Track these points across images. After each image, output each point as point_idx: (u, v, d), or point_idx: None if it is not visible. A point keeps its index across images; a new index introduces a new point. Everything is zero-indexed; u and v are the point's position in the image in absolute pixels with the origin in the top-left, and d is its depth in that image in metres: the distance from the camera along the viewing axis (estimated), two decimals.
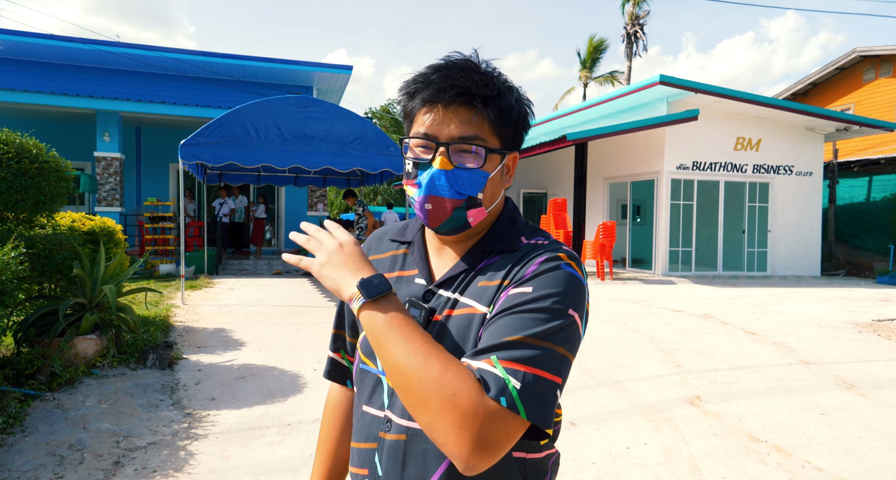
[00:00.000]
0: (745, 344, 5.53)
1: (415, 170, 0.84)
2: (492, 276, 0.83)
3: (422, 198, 0.82)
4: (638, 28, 30.22)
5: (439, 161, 0.81)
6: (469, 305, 0.82)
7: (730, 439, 3.18)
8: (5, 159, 4.28)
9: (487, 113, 0.81)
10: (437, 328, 0.83)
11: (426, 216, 0.83)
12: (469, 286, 0.84)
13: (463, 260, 0.87)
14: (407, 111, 0.85)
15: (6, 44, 12.55)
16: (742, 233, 12.92)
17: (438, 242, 0.91)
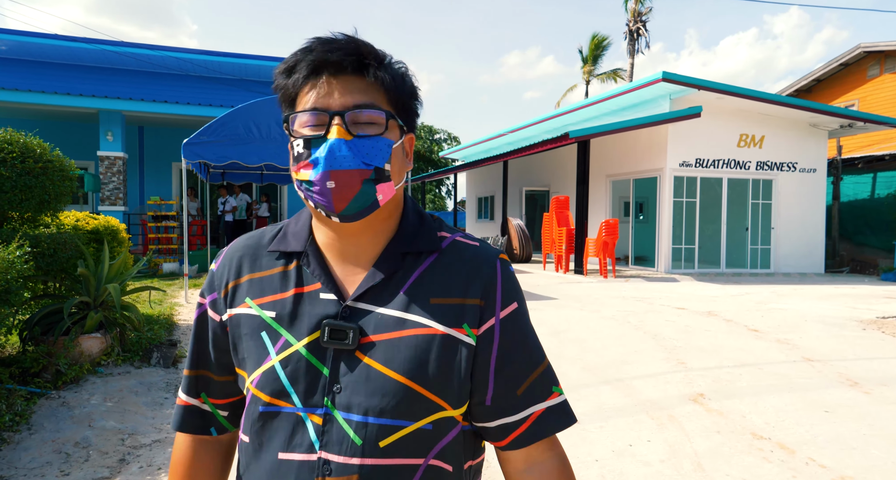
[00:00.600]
0: (748, 342, 5.52)
1: (307, 148, 0.70)
2: (445, 289, 0.74)
3: (321, 175, 0.68)
4: (640, 25, 30.12)
5: (336, 131, 0.69)
6: (425, 325, 0.72)
7: (733, 436, 3.18)
8: (10, 159, 4.30)
9: (381, 78, 0.72)
10: (379, 349, 0.71)
11: (330, 198, 0.69)
12: (411, 300, 0.73)
13: (379, 267, 0.74)
14: (287, 92, 0.73)
15: (9, 44, 12.58)
16: (745, 231, 12.89)
17: (339, 246, 0.76)
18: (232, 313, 0.79)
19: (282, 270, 0.78)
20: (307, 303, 0.74)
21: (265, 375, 0.73)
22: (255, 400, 0.74)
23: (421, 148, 30.87)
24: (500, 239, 15.01)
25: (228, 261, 0.82)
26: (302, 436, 0.71)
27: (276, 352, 0.73)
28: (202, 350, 0.83)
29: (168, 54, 13.38)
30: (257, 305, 0.77)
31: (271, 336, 0.74)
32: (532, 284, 10.09)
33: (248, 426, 0.76)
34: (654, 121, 11.19)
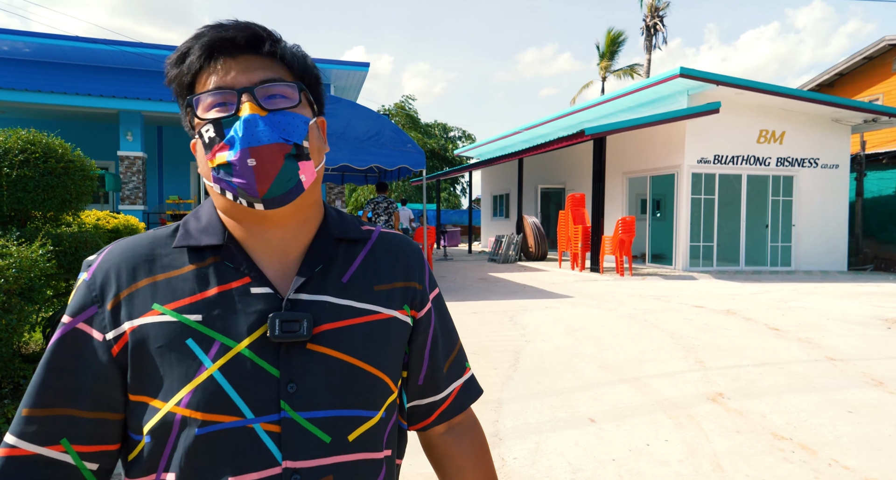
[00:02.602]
0: (768, 341, 5.43)
1: (218, 132, 0.64)
2: (386, 275, 0.75)
3: (241, 153, 0.63)
4: (658, 20, 29.77)
5: (247, 107, 0.64)
6: (374, 311, 0.71)
7: (753, 436, 3.13)
8: (32, 159, 4.38)
9: (282, 54, 0.69)
10: (334, 338, 0.67)
11: (252, 178, 0.63)
12: (355, 286, 0.72)
13: (316, 255, 0.70)
14: (182, 81, 0.67)
15: (33, 46, 12.84)
16: (765, 228, 12.68)
17: (264, 238, 0.69)
18: (134, 325, 0.64)
19: (195, 268, 0.67)
20: (238, 301, 0.65)
21: (201, 389, 0.62)
22: (185, 423, 0.62)
23: (435, 146, 30.86)
24: (516, 237, 14.96)
25: (110, 267, 0.66)
26: (257, 451, 0.63)
27: (211, 360, 0.63)
28: (66, 381, 0.63)
29: None
30: (173, 310, 0.64)
31: (201, 342, 0.63)
32: (548, 282, 10.04)
33: (175, 461, 0.62)
34: (672, 118, 11.05)
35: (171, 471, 0.63)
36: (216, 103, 0.65)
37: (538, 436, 3.10)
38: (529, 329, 5.89)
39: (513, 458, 2.84)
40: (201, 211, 0.73)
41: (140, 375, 0.64)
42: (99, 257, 0.68)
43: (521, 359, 4.68)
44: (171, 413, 0.62)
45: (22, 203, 4.36)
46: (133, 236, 0.71)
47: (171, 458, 0.63)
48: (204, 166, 0.67)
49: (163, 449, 0.63)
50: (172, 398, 0.62)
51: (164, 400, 0.63)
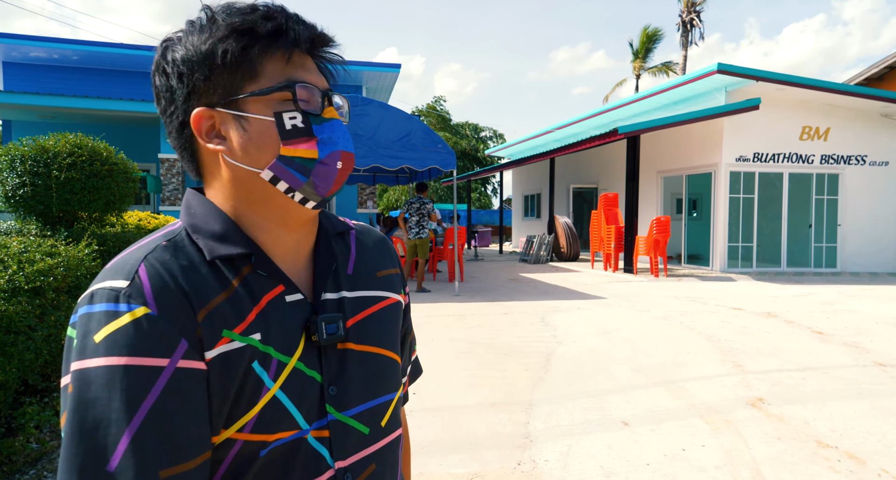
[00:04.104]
0: (812, 345, 5.23)
1: (307, 124, 0.63)
2: (381, 263, 0.77)
3: (333, 154, 0.63)
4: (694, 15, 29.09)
5: (331, 111, 0.65)
6: (385, 297, 0.74)
7: (796, 444, 3.01)
8: (79, 162, 4.56)
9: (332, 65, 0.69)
10: (358, 331, 0.68)
11: (332, 180, 0.64)
12: (358, 277, 0.72)
13: (325, 254, 0.70)
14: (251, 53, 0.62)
15: (81, 54, 13.39)
16: (809, 228, 12.23)
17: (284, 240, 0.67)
18: (210, 357, 0.57)
19: (239, 283, 0.62)
20: (280, 312, 0.63)
21: (266, 411, 0.59)
22: (249, 447, 0.59)
23: (466, 146, 30.84)
24: (547, 237, 14.82)
25: (174, 291, 0.57)
26: (312, 459, 0.62)
27: (272, 379, 0.60)
28: (190, 426, 0.55)
29: None
30: (239, 334, 0.59)
31: (263, 363, 0.60)
32: (580, 283, 9.91)
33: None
34: (709, 115, 10.76)
35: None
36: (306, 98, 0.63)
37: (570, 439, 3.06)
38: (561, 330, 5.82)
39: (544, 460, 2.81)
40: (205, 215, 0.65)
41: (216, 404, 0.58)
42: (145, 282, 0.57)
43: (552, 361, 4.63)
44: (232, 440, 0.58)
45: (69, 204, 4.54)
46: (155, 254, 0.60)
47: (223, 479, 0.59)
48: (259, 150, 0.62)
49: (214, 474, 0.59)
50: (234, 424, 0.58)
51: (225, 426, 0.58)
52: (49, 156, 4.52)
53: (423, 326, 5.98)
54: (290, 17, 0.63)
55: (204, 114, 0.62)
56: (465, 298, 8.04)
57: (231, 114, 0.62)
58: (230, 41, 0.61)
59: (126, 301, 0.55)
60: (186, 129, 0.65)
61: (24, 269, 2.76)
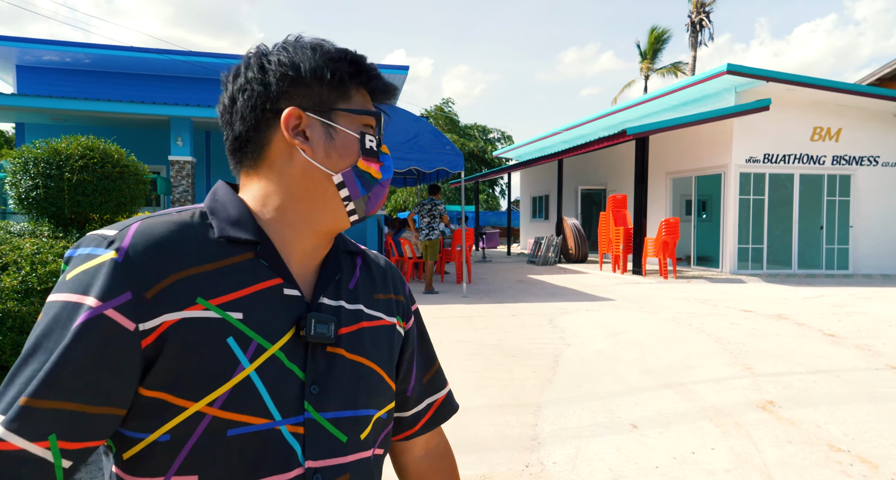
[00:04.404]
0: (823, 347, 5.18)
1: (378, 148, 0.73)
2: (381, 287, 0.80)
3: (388, 180, 0.75)
4: (703, 16, 28.95)
5: (384, 148, 0.76)
6: (379, 317, 0.77)
7: (807, 447, 2.98)
8: (91, 164, 4.61)
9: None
10: (350, 341, 0.71)
11: (378, 200, 0.74)
12: (358, 293, 0.76)
13: (334, 264, 0.75)
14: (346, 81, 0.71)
15: (92, 57, 13.53)
16: (820, 229, 12.12)
17: (303, 243, 0.71)
18: (175, 319, 0.59)
19: (233, 262, 0.65)
20: (272, 301, 0.66)
21: (237, 390, 0.61)
22: (218, 424, 0.60)
23: (474, 147, 30.83)
24: (555, 238, 14.78)
25: (147, 250, 0.60)
26: (283, 452, 0.63)
27: (249, 360, 0.62)
28: (81, 374, 0.56)
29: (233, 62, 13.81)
30: (217, 306, 0.62)
31: (240, 341, 0.62)
32: (588, 285, 9.87)
33: (197, 464, 0.60)
34: (719, 116, 10.70)
35: (191, 473, 0.60)
36: (365, 124, 0.73)
37: (578, 441, 3.05)
38: (569, 332, 5.80)
39: (552, 463, 2.80)
40: (226, 202, 0.69)
41: (168, 371, 0.59)
42: (128, 235, 0.61)
43: (560, 363, 4.62)
44: (201, 413, 0.60)
45: (81, 206, 4.59)
46: (156, 217, 0.65)
47: (190, 459, 0.60)
48: (339, 157, 0.70)
49: (180, 449, 0.60)
50: (205, 397, 0.60)
51: (193, 399, 0.60)
52: (61, 159, 4.57)
53: (430, 327, 5.98)
54: (368, 62, 0.74)
55: (296, 113, 0.69)
56: (473, 300, 8.03)
57: (321, 120, 0.70)
58: (342, 65, 0.71)
59: (107, 246, 0.60)
60: (269, 121, 0.70)
61: (36, 270, 2.79)
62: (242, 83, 0.71)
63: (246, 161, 0.72)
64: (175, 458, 0.60)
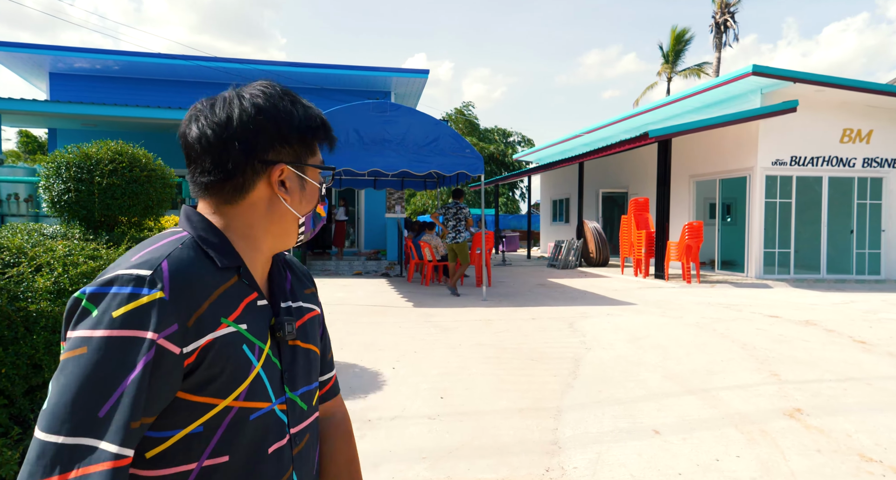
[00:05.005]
0: (854, 354, 5.05)
1: (324, 195, 0.92)
2: (305, 283, 0.99)
3: (323, 219, 0.94)
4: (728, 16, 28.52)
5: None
6: (312, 309, 0.96)
7: (837, 456, 2.91)
8: (120, 168, 4.73)
9: None
10: (300, 333, 0.90)
11: (314, 231, 0.92)
12: (296, 292, 0.94)
13: (276, 272, 0.91)
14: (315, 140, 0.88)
15: (121, 64, 13.88)
16: (850, 233, 11.81)
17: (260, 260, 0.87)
18: (210, 338, 0.73)
19: (230, 285, 0.79)
20: (255, 311, 0.82)
21: (253, 385, 0.78)
22: (242, 413, 0.77)
23: (494, 151, 30.79)
24: (576, 242, 14.67)
25: (184, 286, 0.73)
26: (278, 425, 0.82)
27: (256, 360, 0.79)
28: (155, 391, 0.69)
29: (256, 67, 14.23)
30: (232, 322, 0.77)
31: (250, 347, 0.78)
32: (609, 289, 9.77)
33: (227, 446, 0.75)
34: (744, 118, 10.52)
35: (223, 454, 0.75)
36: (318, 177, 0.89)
37: (599, 446, 3.02)
38: (590, 336, 5.75)
39: (573, 467, 2.78)
40: (209, 232, 0.81)
41: (202, 379, 0.73)
42: (164, 275, 0.71)
43: (581, 367, 4.58)
44: (229, 407, 0.75)
45: (111, 209, 4.71)
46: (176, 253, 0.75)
47: (220, 443, 0.75)
48: (307, 204, 0.87)
49: (212, 437, 0.75)
50: (231, 394, 0.75)
51: (222, 397, 0.75)
52: (92, 163, 4.70)
53: (450, 331, 5.98)
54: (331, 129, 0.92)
55: (285, 169, 0.84)
56: (493, 303, 8.01)
57: (297, 174, 0.85)
58: (317, 130, 0.87)
59: (149, 286, 0.70)
60: (256, 169, 0.82)
61: (68, 272, 2.87)
62: (233, 132, 0.80)
63: (222, 195, 0.83)
64: (208, 445, 0.75)
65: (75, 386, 0.65)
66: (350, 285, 10.08)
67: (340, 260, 12.60)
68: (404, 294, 8.96)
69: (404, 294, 8.96)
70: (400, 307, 7.58)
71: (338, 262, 12.44)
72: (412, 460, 2.84)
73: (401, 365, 4.59)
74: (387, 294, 8.92)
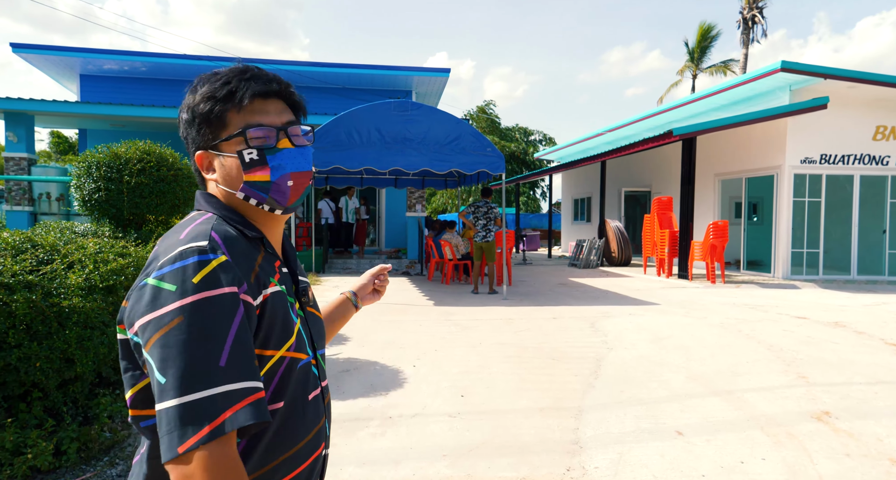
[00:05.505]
0: (885, 357, 4.91)
1: (261, 156, 0.87)
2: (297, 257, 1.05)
3: (284, 176, 0.88)
4: (756, 12, 27.92)
5: (285, 142, 0.89)
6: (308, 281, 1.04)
7: (867, 461, 2.84)
8: (148, 167, 4.84)
9: (295, 102, 0.95)
10: (313, 298, 1.01)
11: (288, 193, 0.89)
12: (298, 266, 1.00)
13: (287, 245, 0.99)
14: (220, 110, 0.88)
15: (149, 65, 14.19)
16: (882, 233, 11.48)
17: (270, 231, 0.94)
18: (266, 293, 0.83)
19: (264, 254, 0.89)
20: (284, 276, 0.92)
21: (298, 338, 0.88)
22: (293, 362, 0.87)
23: (516, 149, 30.65)
24: (598, 241, 14.54)
25: (238, 249, 0.83)
26: (314, 376, 0.93)
27: (296, 317, 0.90)
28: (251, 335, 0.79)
29: (279, 67, 14.40)
30: (277, 282, 0.87)
31: (291, 305, 0.89)
32: (632, 288, 9.66)
33: (282, 393, 0.85)
34: (772, 115, 10.29)
35: (279, 400, 0.85)
36: (260, 136, 0.87)
37: (621, 447, 2.99)
38: (612, 336, 5.70)
39: (594, 467, 2.76)
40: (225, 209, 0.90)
41: (265, 330, 0.82)
42: (219, 244, 0.80)
43: (602, 367, 4.54)
44: (283, 357, 0.85)
45: (139, 207, 4.82)
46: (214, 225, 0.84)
47: (277, 389, 0.84)
48: (231, 178, 0.89)
49: (270, 384, 0.83)
50: (284, 345, 0.85)
51: (277, 348, 0.84)
52: (121, 163, 4.81)
53: (470, 329, 5.99)
54: (244, 78, 0.89)
55: (202, 155, 0.91)
56: (514, 302, 7.99)
57: (214, 154, 0.90)
58: (204, 105, 0.88)
59: (212, 252, 0.78)
60: (195, 161, 0.93)
61: (99, 269, 2.95)
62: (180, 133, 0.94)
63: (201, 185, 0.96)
64: (268, 393, 0.83)
65: (188, 351, 0.71)
66: None
67: (361, 259, 12.69)
68: (425, 292, 8.99)
69: (425, 292, 8.99)
70: (420, 305, 7.61)
71: (359, 261, 12.54)
72: (433, 457, 2.85)
73: (421, 363, 4.61)
74: (407, 292, 8.96)
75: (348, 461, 2.82)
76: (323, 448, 0.95)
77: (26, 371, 2.50)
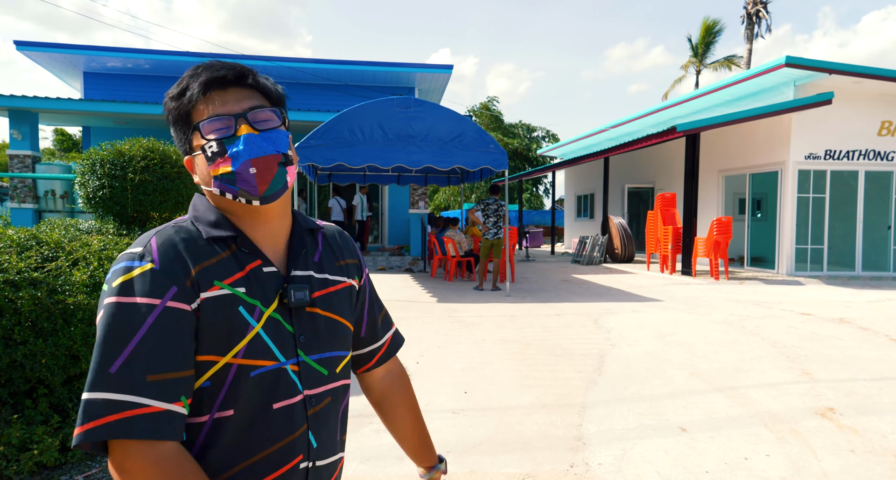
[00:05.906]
0: (890, 353, 4.89)
1: (221, 147, 0.84)
2: (339, 255, 1.01)
3: (244, 163, 0.83)
4: (761, 6, 27.77)
5: (245, 128, 0.85)
6: (342, 280, 0.99)
7: (871, 457, 2.83)
8: (152, 165, 4.85)
9: (261, 85, 0.91)
10: (323, 302, 0.93)
11: (253, 182, 0.84)
12: (324, 264, 0.96)
13: (299, 242, 0.94)
14: (180, 111, 0.88)
15: (152, 63, 14.21)
16: (888, 229, 11.42)
17: (258, 230, 0.90)
18: (204, 297, 0.81)
19: (228, 254, 0.86)
20: (260, 277, 0.87)
21: (253, 343, 0.84)
22: (242, 370, 0.83)
23: (518, 146, 30.59)
24: (601, 238, 14.51)
25: (174, 254, 0.81)
26: (288, 385, 0.87)
27: (256, 321, 0.84)
28: (174, 347, 0.78)
29: (282, 64, 14.41)
30: (227, 285, 0.83)
31: (247, 309, 0.84)
32: (635, 285, 9.65)
33: (232, 400, 0.83)
34: (776, 111, 10.25)
35: (228, 408, 0.83)
36: (217, 127, 0.85)
37: (624, 443, 3.00)
38: (615, 332, 5.70)
39: (597, 463, 2.76)
40: (205, 210, 0.89)
41: (204, 336, 0.81)
42: (154, 248, 0.82)
43: (605, 363, 4.54)
44: (229, 364, 0.82)
45: (143, 205, 4.84)
46: (164, 230, 0.85)
47: (227, 397, 0.82)
48: (205, 175, 0.88)
49: (220, 391, 0.82)
50: (230, 352, 0.82)
51: (222, 354, 0.82)
52: (125, 160, 4.83)
53: (473, 326, 5.99)
54: (195, 74, 0.88)
55: (188, 159, 0.92)
56: (517, 299, 7.99)
57: (192, 155, 0.90)
58: (168, 110, 0.90)
59: (139, 259, 0.80)
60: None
61: (103, 266, 2.96)
62: None
63: None
64: (216, 399, 0.82)
65: (97, 350, 0.76)
66: (374, 280, 10.16)
67: (364, 256, 12.70)
68: (428, 289, 9.00)
69: (428, 289, 9.00)
70: (423, 302, 7.62)
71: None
72: None
73: (424, 360, 4.62)
74: (410, 289, 8.97)
75: (352, 457, 2.83)
76: (300, 461, 0.87)
77: (32, 367, 2.51)
